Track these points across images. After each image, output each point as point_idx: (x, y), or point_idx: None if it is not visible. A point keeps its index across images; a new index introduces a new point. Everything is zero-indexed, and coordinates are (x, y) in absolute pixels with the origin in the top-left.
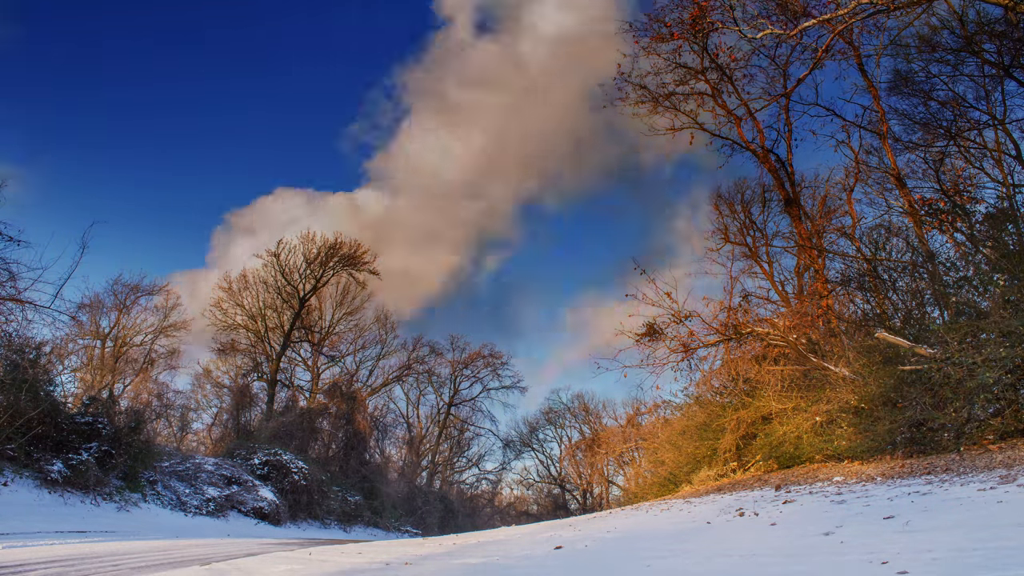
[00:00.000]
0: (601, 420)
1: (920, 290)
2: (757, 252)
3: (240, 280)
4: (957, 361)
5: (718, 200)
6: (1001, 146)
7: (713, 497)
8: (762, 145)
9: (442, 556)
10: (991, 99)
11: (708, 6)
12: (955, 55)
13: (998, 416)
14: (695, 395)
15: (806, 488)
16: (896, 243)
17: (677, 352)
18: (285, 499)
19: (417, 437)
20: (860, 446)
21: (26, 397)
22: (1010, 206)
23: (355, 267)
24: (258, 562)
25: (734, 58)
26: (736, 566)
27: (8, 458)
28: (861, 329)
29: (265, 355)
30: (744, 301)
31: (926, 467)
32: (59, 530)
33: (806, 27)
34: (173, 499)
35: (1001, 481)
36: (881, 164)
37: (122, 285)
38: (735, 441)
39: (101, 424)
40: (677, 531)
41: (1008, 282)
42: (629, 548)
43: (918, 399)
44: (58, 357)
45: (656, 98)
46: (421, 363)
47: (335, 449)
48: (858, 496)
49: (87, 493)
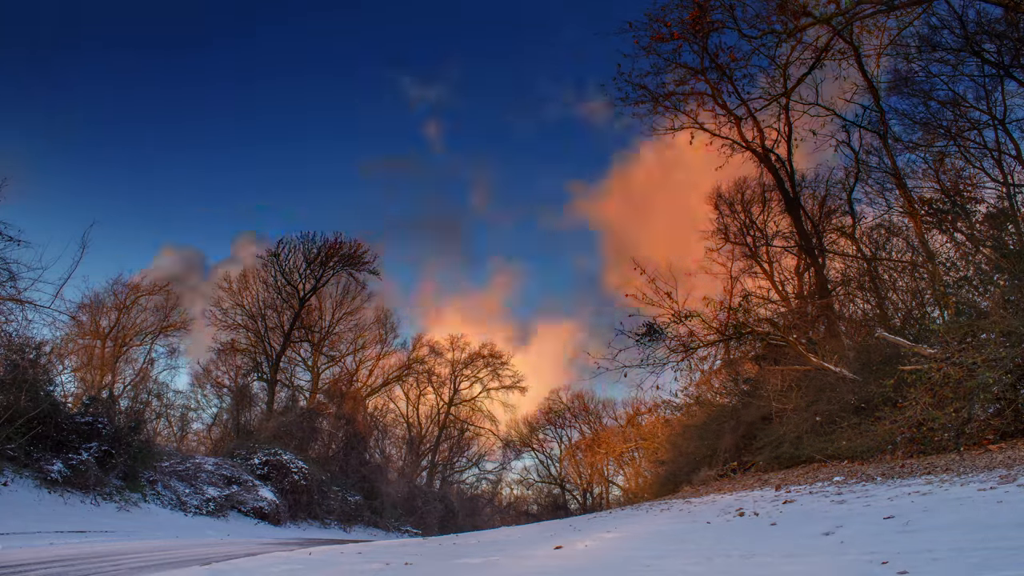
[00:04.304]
0: (601, 420)
1: (920, 290)
2: (757, 252)
3: (240, 280)
4: (957, 361)
5: (718, 200)
6: (1001, 146)
7: (713, 497)
8: (762, 145)
9: (442, 556)
10: (991, 99)
11: (708, 6)
12: (955, 55)
13: (998, 416)
14: (695, 395)
15: (806, 488)
16: (896, 243)
17: (677, 352)
18: (285, 499)
19: (417, 437)
20: (860, 446)
21: (26, 397)
22: (1010, 206)
23: (355, 267)
24: (258, 562)
25: (734, 58)
26: (736, 566)
27: (8, 458)
28: (861, 329)
29: (265, 355)
30: (744, 301)
31: (926, 467)
32: (59, 530)
33: (806, 27)
34: (173, 499)
35: (1001, 481)
36: (881, 164)
37: (122, 285)
38: (735, 441)
39: (101, 424)
40: (677, 531)
41: (1008, 282)
42: (629, 548)
43: (918, 399)
44: (58, 357)
45: (656, 98)
46: (421, 363)
47: (335, 449)
48: (858, 496)
49: (87, 493)
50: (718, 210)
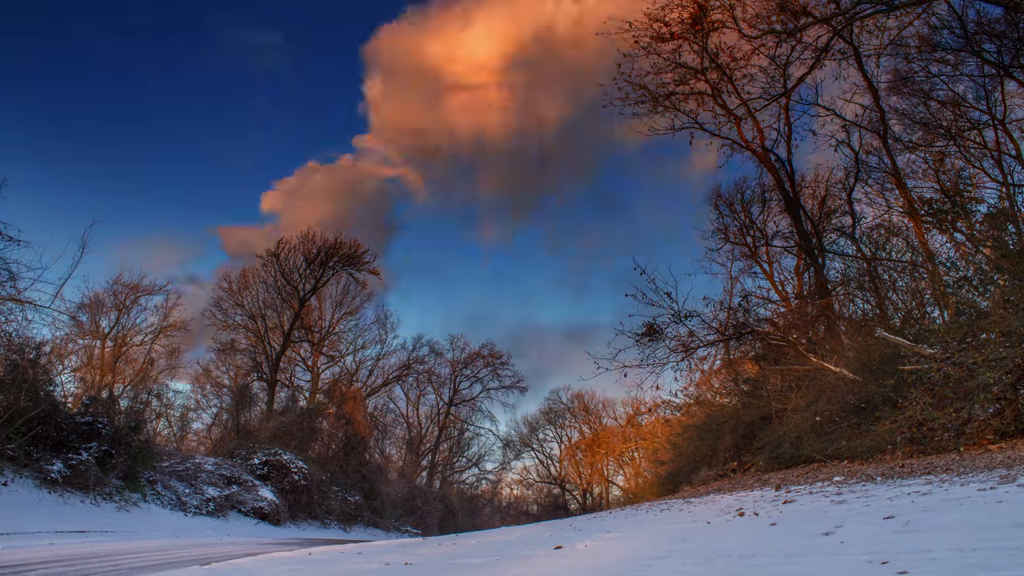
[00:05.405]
0: (601, 420)
1: (920, 290)
2: (757, 252)
3: (240, 280)
4: (957, 361)
5: (718, 200)
6: (1001, 146)
7: (713, 497)
8: (762, 145)
9: (442, 556)
10: (991, 99)
11: (708, 6)
12: (955, 55)
13: (998, 416)
14: (695, 395)
15: (806, 488)
16: (896, 243)
17: (677, 352)
18: (285, 499)
19: (417, 437)
20: (860, 446)
21: (26, 397)
22: (1010, 206)
23: (355, 267)
24: (258, 562)
25: (734, 58)
26: (736, 566)
27: (8, 458)
28: (861, 329)
29: (265, 355)
30: (744, 301)
31: (926, 467)
32: (59, 530)
33: (806, 27)
34: (173, 499)
35: (1001, 481)
36: (881, 164)
37: (122, 285)
38: (735, 441)
39: (101, 424)
40: (677, 531)
41: (1008, 282)
42: (629, 548)
43: (918, 399)
44: (58, 357)
45: (656, 98)
46: (421, 363)
47: (335, 449)
48: (858, 496)
49: (87, 493)
50: (718, 210)
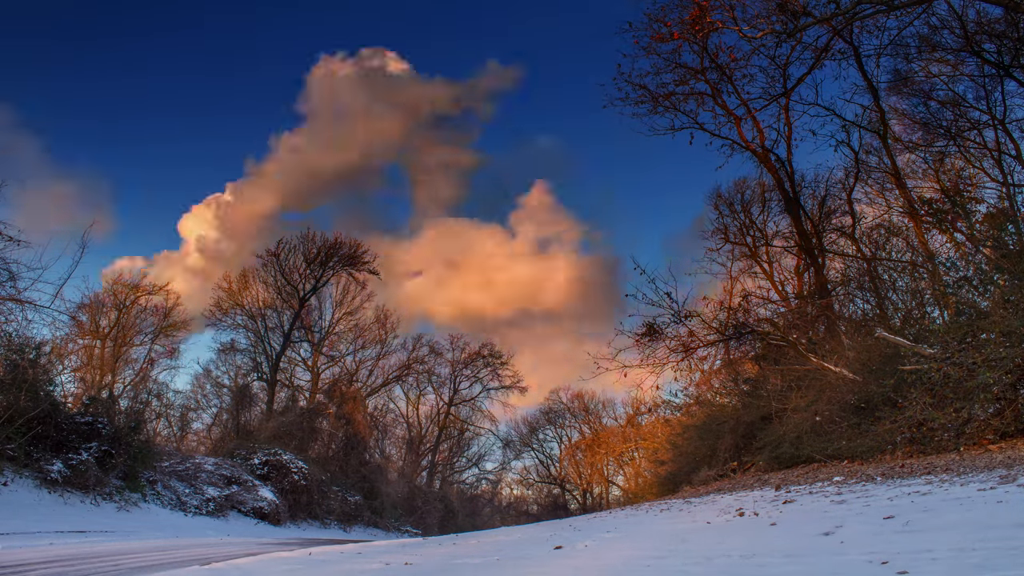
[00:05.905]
0: (601, 420)
1: (920, 290)
2: (757, 252)
3: (240, 280)
4: (957, 361)
5: (718, 200)
6: (1001, 146)
7: (713, 497)
8: (762, 145)
9: (442, 556)
10: (991, 99)
11: (708, 6)
12: (955, 55)
13: (998, 416)
14: (695, 395)
15: (806, 488)
16: (896, 243)
17: (677, 352)
18: (285, 499)
19: (417, 437)
20: (860, 446)
21: (26, 397)
22: (1010, 206)
23: (355, 267)
24: (258, 562)
25: (734, 58)
26: (736, 566)
27: (8, 458)
28: (861, 329)
29: (265, 355)
30: (744, 301)
31: (926, 467)
32: (59, 530)
33: (806, 27)
34: (173, 499)
35: (1001, 481)
36: (881, 164)
37: (122, 285)
38: (735, 441)
39: (101, 424)
40: (677, 531)
41: (1008, 282)
42: (629, 547)
43: (918, 399)
44: (58, 357)
45: (656, 98)
46: (421, 363)
47: (335, 449)
48: (858, 496)
49: (87, 493)
50: (718, 210)
